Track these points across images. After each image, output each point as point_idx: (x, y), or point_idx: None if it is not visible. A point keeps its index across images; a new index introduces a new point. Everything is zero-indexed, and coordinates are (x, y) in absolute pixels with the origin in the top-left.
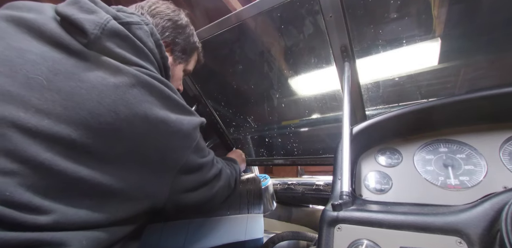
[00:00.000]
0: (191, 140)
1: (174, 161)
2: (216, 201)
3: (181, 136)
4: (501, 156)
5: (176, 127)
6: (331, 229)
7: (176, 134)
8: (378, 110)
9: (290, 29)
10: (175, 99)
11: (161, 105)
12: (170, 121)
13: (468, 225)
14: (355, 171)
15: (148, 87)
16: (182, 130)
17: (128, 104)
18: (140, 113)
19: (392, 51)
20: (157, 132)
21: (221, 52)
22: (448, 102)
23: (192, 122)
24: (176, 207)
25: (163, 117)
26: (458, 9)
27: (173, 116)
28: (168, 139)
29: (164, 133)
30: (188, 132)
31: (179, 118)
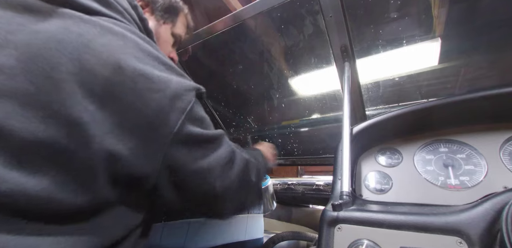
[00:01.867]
0: (183, 102)
1: (164, 126)
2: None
3: (168, 96)
4: (501, 156)
5: (162, 84)
6: (331, 229)
7: (162, 92)
8: (378, 110)
9: (290, 29)
10: (160, 57)
11: (140, 59)
12: (152, 76)
13: (469, 225)
14: (355, 171)
15: (121, 37)
16: (169, 89)
17: (95, 52)
18: (111, 63)
19: (392, 51)
20: (136, 88)
21: (221, 52)
22: (448, 102)
23: (184, 84)
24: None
25: (142, 70)
26: (458, 9)
27: (157, 73)
28: (152, 97)
29: (145, 89)
30: (178, 93)
31: (165, 76)
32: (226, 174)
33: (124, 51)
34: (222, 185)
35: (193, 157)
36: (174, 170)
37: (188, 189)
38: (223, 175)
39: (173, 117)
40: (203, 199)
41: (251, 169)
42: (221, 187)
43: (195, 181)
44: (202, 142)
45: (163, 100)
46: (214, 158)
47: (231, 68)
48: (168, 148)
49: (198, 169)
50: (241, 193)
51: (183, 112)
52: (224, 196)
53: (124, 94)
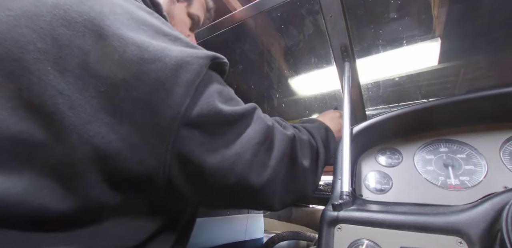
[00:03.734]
0: (191, 73)
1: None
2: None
3: (169, 66)
4: (501, 156)
5: (159, 52)
6: (331, 229)
7: (159, 61)
8: (378, 110)
9: (290, 29)
10: (158, 26)
11: (132, 27)
12: (145, 45)
13: (469, 225)
14: (355, 171)
15: (109, 3)
16: (169, 57)
17: (71, 24)
18: (90, 34)
19: (392, 51)
20: (123, 59)
21: (221, 52)
22: (448, 102)
23: (191, 52)
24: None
25: (133, 38)
26: (458, 9)
27: (153, 41)
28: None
29: (136, 60)
30: (182, 61)
31: (163, 45)
32: (264, 161)
33: (108, 18)
34: (260, 176)
35: (212, 145)
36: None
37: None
38: (260, 163)
39: (178, 94)
40: (236, 196)
41: (301, 150)
42: (258, 180)
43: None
44: (224, 123)
45: (162, 72)
46: (243, 143)
47: (231, 68)
48: (177, 135)
49: (221, 160)
50: (290, 183)
51: (191, 86)
52: (265, 189)
53: (109, 69)
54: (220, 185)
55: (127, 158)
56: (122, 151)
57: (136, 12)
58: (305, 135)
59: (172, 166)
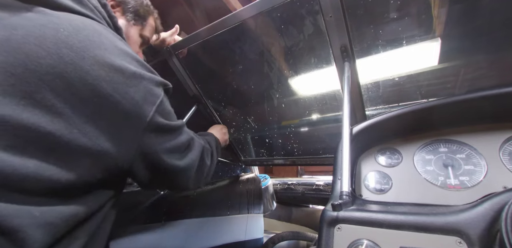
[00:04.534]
0: (154, 96)
1: (138, 116)
2: (188, 175)
3: (142, 90)
4: (501, 156)
5: (136, 80)
6: (331, 229)
7: (136, 87)
8: (378, 110)
9: (290, 29)
10: (132, 54)
11: (116, 55)
12: (128, 72)
13: (468, 225)
14: (355, 171)
15: (97, 34)
16: (142, 84)
17: (73, 47)
18: (88, 58)
19: (392, 51)
20: (112, 82)
21: (221, 52)
22: (448, 102)
23: (154, 79)
24: (144, 171)
25: (119, 66)
26: (458, 9)
27: (132, 68)
28: (127, 91)
29: (121, 84)
30: (150, 88)
31: (138, 72)
32: (186, 155)
33: (100, 47)
34: (183, 163)
35: (160, 142)
36: (145, 153)
37: (156, 168)
38: (184, 156)
39: (146, 109)
40: (168, 175)
41: (206, 153)
42: (182, 165)
43: (160, 160)
44: (167, 131)
45: (137, 94)
46: (176, 143)
47: (231, 68)
48: (142, 136)
49: (162, 151)
50: (198, 172)
51: (153, 105)
52: (185, 172)
53: (102, 88)
54: (162, 167)
55: (109, 148)
56: (106, 144)
57: (117, 41)
58: (207, 144)
59: (135, 158)
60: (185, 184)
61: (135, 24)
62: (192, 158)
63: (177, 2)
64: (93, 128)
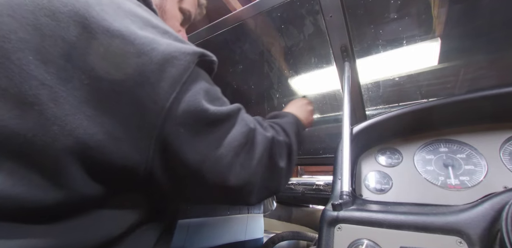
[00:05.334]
0: (178, 69)
1: (151, 101)
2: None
3: (155, 60)
4: (501, 156)
5: (145, 46)
6: (331, 229)
7: (145, 55)
8: (378, 110)
9: (290, 29)
10: (148, 18)
11: (118, 17)
12: (131, 37)
13: (468, 225)
14: (355, 171)
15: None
16: (156, 51)
17: (55, 14)
18: (75, 24)
19: (392, 51)
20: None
21: (221, 52)
22: (448, 102)
23: (179, 47)
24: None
25: (120, 30)
26: (458, 9)
27: (140, 33)
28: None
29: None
30: (169, 56)
31: (151, 37)
32: (244, 162)
33: (94, 8)
34: (239, 177)
35: (194, 142)
36: (171, 160)
37: (191, 184)
38: (239, 165)
39: (163, 89)
40: (215, 195)
41: (278, 151)
42: (237, 180)
43: (199, 176)
44: (209, 123)
45: (147, 66)
46: (225, 145)
47: (231, 68)
48: (161, 131)
49: (203, 161)
50: (266, 181)
51: (178, 82)
52: (243, 190)
53: (94, 61)
54: (198, 184)
55: (110, 151)
56: (105, 144)
57: (124, 3)
58: (281, 136)
59: (155, 161)
60: (247, 201)
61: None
62: (252, 167)
63: None
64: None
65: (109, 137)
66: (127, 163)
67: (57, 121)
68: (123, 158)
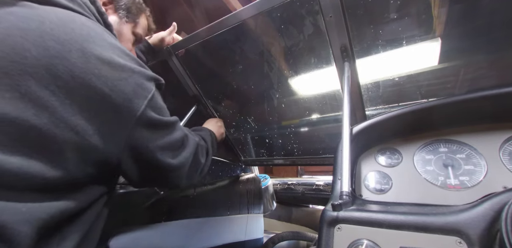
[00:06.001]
0: (145, 90)
1: (128, 110)
2: (180, 173)
3: (132, 84)
4: (501, 156)
5: (125, 73)
6: (331, 229)
7: (125, 80)
8: (378, 110)
9: (290, 29)
10: (122, 48)
11: (104, 48)
12: (116, 65)
13: (468, 225)
14: (355, 171)
15: (85, 27)
16: (132, 78)
17: (59, 39)
18: (75, 50)
19: (392, 51)
20: (100, 75)
21: (221, 52)
22: (448, 102)
23: (145, 73)
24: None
25: (107, 58)
26: (458, 9)
27: (122, 61)
28: (116, 84)
29: (109, 77)
30: (140, 82)
31: (128, 65)
32: (180, 153)
33: (87, 39)
34: (176, 161)
35: (152, 138)
36: (136, 149)
37: (147, 165)
38: (177, 154)
39: (136, 103)
40: (160, 173)
41: (200, 151)
42: (175, 163)
43: (153, 158)
44: (160, 127)
45: (126, 87)
46: (170, 140)
47: (231, 68)
48: (132, 131)
49: (155, 148)
50: (191, 170)
51: (145, 99)
52: (178, 171)
53: (90, 80)
54: (152, 164)
55: (96, 143)
56: (94, 137)
57: (105, 35)
58: (202, 141)
59: (125, 151)
60: (177, 182)
61: (127, 21)
62: (185, 156)
63: (177, 2)
64: (81, 121)
65: (96, 132)
66: (108, 153)
67: (64, 120)
68: (105, 149)
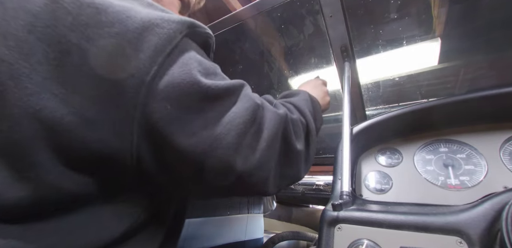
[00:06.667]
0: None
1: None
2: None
3: (132, 29)
4: (501, 156)
5: (121, 14)
6: (331, 229)
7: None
8: (378, 110)
9: (290, 29)
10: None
11: None
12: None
13: (469, 225)
14: (355, 171)
15: None
16: (132, 20)
17: None
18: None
19: (392, 51)
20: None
21: (221, 52)
22: (448, 102)
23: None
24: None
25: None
26: (458, 9)
27: (116, 2)
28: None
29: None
30: (150, 23)
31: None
32: (252, 143)
33: None
34: (247, 162)
35: (187, 123)
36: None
37: (187, 172)
38: (246, 146)
39: (142, 61)
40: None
41: (294, 130)
42: (245, 165)
43: (193, 161)
44: (203, 98)
45: (122, 35)
46: (224, 123)
47: (231, 68)
48: (143, 109)
49: (196, 143)
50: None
51: (161, 53)
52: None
53: (61, 33)
54: (195, 171)
55: (84, 135)
56: (77, 127)
57: None
58: (295, 114)
59: (140, 147)
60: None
61: None
62: (261, 146)
63: None
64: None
65: (80, 119)
66: (107, 150)
67: (18, 102)
68: (100, 143)
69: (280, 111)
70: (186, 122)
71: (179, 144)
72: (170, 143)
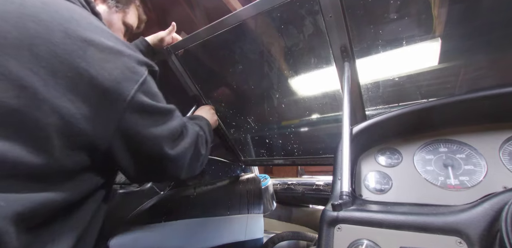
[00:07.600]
0: (136, 74)
1: (117, 94)
2: (180, 165)
3: (121, 66)
4: (501, 156)
5: (112, 55)
6: (331, 229)
7: (113, 62)
8: (378, 110)
9: (290, 29)
10: (110, 31)
11: (90, 30)
12: (103, 46)
13: (468, 225)
14: (355, 171)
15: (69, 10)
16: (120, 60)
17: (40, 21)
18: (58, 31)
19: (392, 51)
20: (85, 56)
21: (221, 52)
22: (448, 102)
23: (136, 57)
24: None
25: (94, 40)
26: (458, 9)
27: (109, 43)
28: (103, 66)
29: (96, 58)
30: (130, 65)
31: (116, 48)
32: (178, 143)
33: (71, 21)
34: (175, 152)
35: (146, 125)
36: (127, 136)
37: (140, 153)
38: (175, 144)
39: (126, 87)
40: (157, 164)
41: (200, 141)
42: (173, 154)
43: (147, 145)
44: (154, 113)
45: (115, 70)
46: (166, 128)
47: (231, 68)
48: (122, 116)
49: (149, 135)
50: (193, 161)
51: (136, 83)
52: (177, 162)
53: (75, 62)
54: (147, 153)
55: (84, 128)
56: (80, 121)
57: (91, 19)
58: (201, 131)
59: (115, 137)
60: (176, 174)
61: (117, 11)
62: (185, 146)
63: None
64: (67, 104)
65: (83, 117)
66: (96, 138)
67: (47, 102)
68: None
69: (196, 128)
70: (145, 123)
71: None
72: (135, 134)
